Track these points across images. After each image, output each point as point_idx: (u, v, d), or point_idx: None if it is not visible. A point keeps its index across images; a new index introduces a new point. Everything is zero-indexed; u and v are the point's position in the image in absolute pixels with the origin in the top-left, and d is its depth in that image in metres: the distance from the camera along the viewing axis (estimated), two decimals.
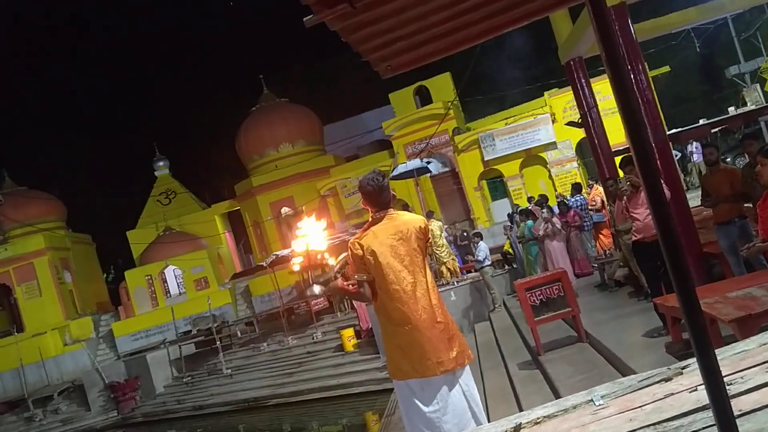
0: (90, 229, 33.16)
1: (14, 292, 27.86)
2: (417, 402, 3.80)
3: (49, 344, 25.96)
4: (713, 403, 1.91)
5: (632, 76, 8.19)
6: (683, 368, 2.95)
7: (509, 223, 16.38)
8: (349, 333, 17.48)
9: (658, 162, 7.92)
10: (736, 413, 2.27)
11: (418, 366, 3.75)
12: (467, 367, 3.92)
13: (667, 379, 2.91)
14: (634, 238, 7.03)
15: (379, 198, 3.91)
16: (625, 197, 7.09)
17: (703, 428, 2.31)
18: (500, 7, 2.89)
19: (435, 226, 15.88)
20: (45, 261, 27.67)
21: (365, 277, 3.80)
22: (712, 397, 1.91)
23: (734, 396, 2.49)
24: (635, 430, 2.51)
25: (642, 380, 2.98)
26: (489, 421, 3.79)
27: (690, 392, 2.66)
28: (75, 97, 44.35)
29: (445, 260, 15.69)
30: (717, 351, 3.10)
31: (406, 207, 23.00)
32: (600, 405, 2.86)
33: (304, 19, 2.54)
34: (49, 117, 41.92)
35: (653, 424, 2.49)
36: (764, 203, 4.19)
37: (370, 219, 3.96)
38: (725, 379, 2.63)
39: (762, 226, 4.26)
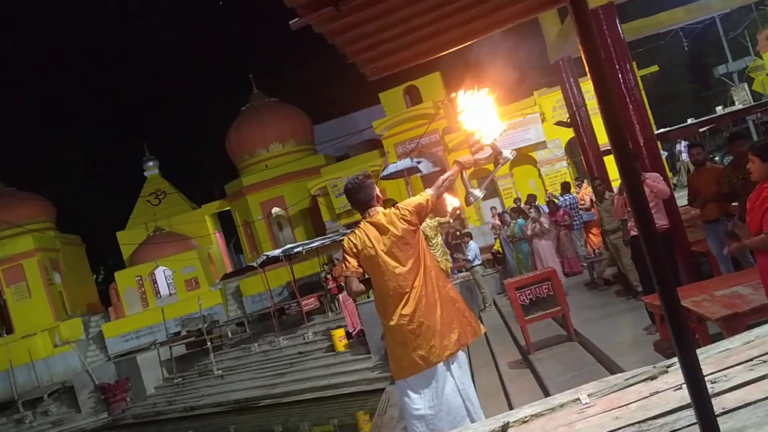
0: (80, 229, 33.00)
1: (3, 294, 27.69)
2: (414, 400, 3.85)
3: (38, 346, 25.83)
4: (694, 401, 1.94)
5: (620, 75, 8.24)
6: (668, 367, 2.98)
7: (498, 221, 16.38)
8: (340, 333, 17.47)
9: (646, 161, 7.97)
10: (719, 411, 2.30)
11: (424, 353, 3.79)
12: (464, 365, 3.96)
13: (653, 378, 2.94)
14: (633, 233, 7.04)
15: (358, 196, 3.97)
16: (625, 192, 7.10)
17: (687, 426, 2.34)
18: (485, 10, 2.91)
19: (428, 225, 15.83)
20: (34, 262, 27.53)
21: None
22: (693, 396, 1.93)
23: (718, 394, 2.52)
24: (621, 428, 2.53)
25: (628, 379, 3.01)
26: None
27: (675, 390, 2.69)
28: (64, 96, 44.09)
29: (438, 260, 15.68)
30: (701, 349, 3.14)
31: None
32: (587, 403, 2.89)
33: (290, 22, 2.55)
34: (38, 117, 41.63)
35: (638, 422, 2.52)
36: (753, 198, 4.22)
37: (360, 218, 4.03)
38: (709, 378, 2.67)
39: (750, 222, 4.29)
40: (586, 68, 1.95)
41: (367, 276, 3.97)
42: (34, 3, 42.53)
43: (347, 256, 3.97)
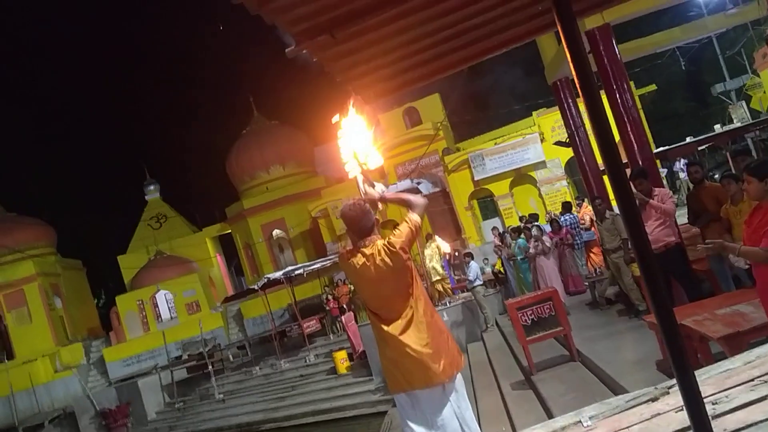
0: (80, 254, 33.04)
1: (4, 318, 27.62)
2: (411, 418, 3.83)
3: (39, 371, 25.69)
4: (693, 424, 1.93)
5: (618, 94, 8.28)
6: (670, 388, 2.96)
7: (498, 242, 16.35)
8: (341, 355, 17.39)
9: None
10: None
11: (408, 377, 3.78)
12: (461, 388, 3.93)
13: (654, 399, 2.92)
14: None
15: (362, 223, 3.93)
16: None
17: None
18: (481, 35, 2.93)
19: (431, 247, 15.77)
20: (35, 287, 27.48)
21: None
22: (693, 419, 1.92)
23: (719, 415, 2.50)
24: None
25: (629, 400, 3.00)
26: None
27: (676, 412, 2.67)
28: (65, 121, 44.35)
29: (434, 280, 15.60)
30: (702, 370, 3.12)
31: (396, 228, 22.92)
32: (588, 426, 2.87)
33: (286, 50, 2.57)
34: (39, 142, 41.86)
35: None
36: (750, 218, 4.22)
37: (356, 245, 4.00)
38: (710, 399, 2.65)
39: (746, 240, 4.29)
40: (579, 92, 1.97)
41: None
42: (38, 28, 42.90)
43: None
